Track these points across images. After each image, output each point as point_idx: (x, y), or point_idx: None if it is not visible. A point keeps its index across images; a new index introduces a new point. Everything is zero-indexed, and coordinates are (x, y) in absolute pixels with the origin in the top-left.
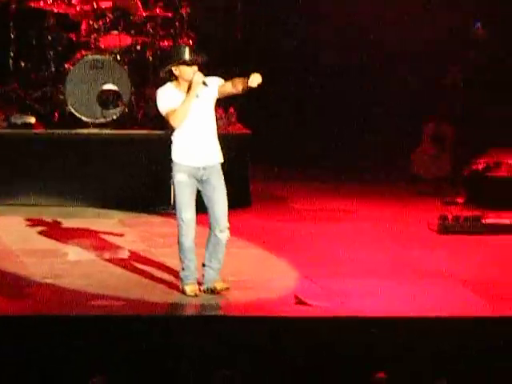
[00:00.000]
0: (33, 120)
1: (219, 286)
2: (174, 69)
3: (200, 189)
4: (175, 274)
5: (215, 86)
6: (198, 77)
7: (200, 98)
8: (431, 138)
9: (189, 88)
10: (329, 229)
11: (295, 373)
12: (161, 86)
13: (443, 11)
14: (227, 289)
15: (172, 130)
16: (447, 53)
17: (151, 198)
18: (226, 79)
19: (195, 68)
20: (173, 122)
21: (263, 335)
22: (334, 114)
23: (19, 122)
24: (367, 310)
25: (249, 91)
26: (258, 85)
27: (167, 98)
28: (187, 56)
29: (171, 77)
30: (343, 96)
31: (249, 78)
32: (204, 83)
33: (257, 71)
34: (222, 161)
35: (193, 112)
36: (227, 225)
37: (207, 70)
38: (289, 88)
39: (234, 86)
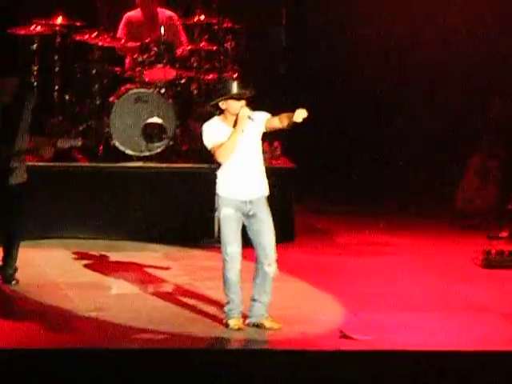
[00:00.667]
0: (79, 143)
1: (268, 324)
2: (221, 103)
3: (245, 223)
4: (219, 307)
5: (262, 121)
6: (245, 111)
7: (246, 133)
8: (476, 172)
9: (235, 122)
10: (372, 262)
11: None
12: (205, 119)
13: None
14: (278, 328)
15: (218, 164)
16: (491, 86)
17: (195, 231)
18: (273, 114)
19: (243, 102)
20: (219, 157)
21: (308, 369)
22: (377, 148)
23: (66, 145)
24: (412, 344)
25: (294, 126)
26: (304, 119)
27: (213, 132)
28: (235, 90)
29: (217, 110)
30: (386, 128)
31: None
32: (250, 117)
33: (300, 104)
34: (268, 193)
35: (239, 147)
36: (275, 258)
37: (253, 104)
38: (335, 119)
39: (281, 121)
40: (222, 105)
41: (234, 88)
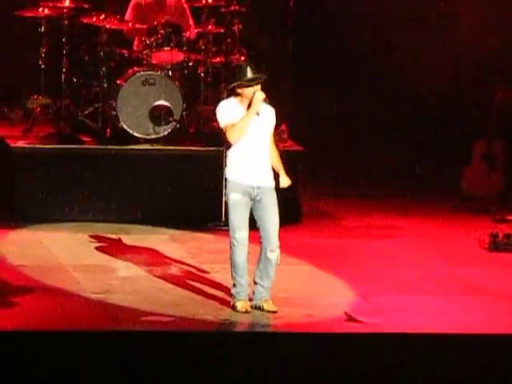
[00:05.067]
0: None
1: (267, 306)
2: (236, 87)
3: (252, 207)
4: (226, 290)
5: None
6: (259, 95)
7: (261, 117)
8: (482, 156)
9: (249, 106)
10: (378, 246)
11: None
12: (213, 101)
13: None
14: (274, 312)
15: (228, 146)
16: (497, 69)
17: (202, 214)
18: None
19: (257, 87)
20: (230, 136)
21: (314, 352)
22: (387, 131)
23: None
24: (417, 327)
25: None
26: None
27: (228, 111)
28: (249, 75)
29: (234, 94)
30: (393, 112)
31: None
32: (265, 100)
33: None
34: (274, 184)
35: (251, 129)
36: (278, 244)
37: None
38: (342, 102)
39: (271, 156)
40: (238, 89)
41: (248, 73)
